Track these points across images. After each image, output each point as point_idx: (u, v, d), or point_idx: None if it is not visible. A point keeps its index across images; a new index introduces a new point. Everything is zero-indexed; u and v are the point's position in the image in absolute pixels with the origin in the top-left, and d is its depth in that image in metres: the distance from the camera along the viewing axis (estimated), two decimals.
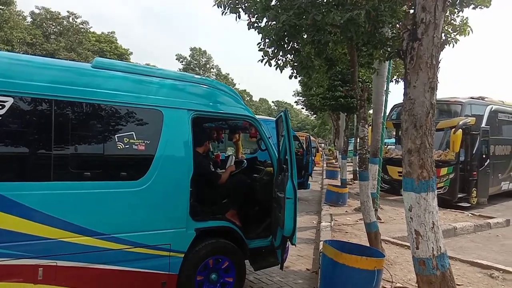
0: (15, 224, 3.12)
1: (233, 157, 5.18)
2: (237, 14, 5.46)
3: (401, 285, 4.79)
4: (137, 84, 3.92)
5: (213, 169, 4.80)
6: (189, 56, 61.29)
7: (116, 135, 3.68)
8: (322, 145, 50.33)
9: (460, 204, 12.38)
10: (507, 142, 14.73)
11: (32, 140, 3.37)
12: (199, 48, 61.70)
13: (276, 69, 5.98)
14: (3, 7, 32.72)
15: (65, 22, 41.02)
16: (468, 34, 5.90)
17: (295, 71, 6.13)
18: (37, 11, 40.33)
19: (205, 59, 62.38)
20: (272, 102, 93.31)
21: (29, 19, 40.34)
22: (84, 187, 3.47)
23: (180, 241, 3.97)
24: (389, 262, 5.70)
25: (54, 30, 40.99)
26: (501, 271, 5.53)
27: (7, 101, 3.17)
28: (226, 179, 4.81)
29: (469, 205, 12.56)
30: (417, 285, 4.20)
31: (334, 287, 4.15)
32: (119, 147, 3.67)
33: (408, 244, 4.16)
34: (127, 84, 3.84)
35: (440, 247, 3.95)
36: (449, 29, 5.98)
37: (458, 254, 6.64)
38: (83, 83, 3.57)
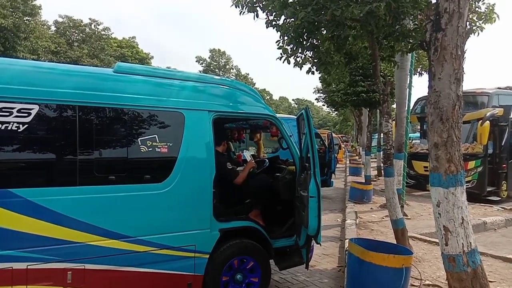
0: (43, 229, 3.20)
1: (249, 153, 5.18)
2: (255, 13, 5.43)
3: (431, 283, 4.67)
4: (158, 87, 3.96)
5: (230, 167, 4.75)
6: (209, 57, 61.79)
7: (139, 139, 3.72)
8: (348, 141, 49.64)
9: (489, 198, 12.02)
10: None
11: (58, 146, 3.44)
12: (218, 49, 62.13)
13: (294, 66, 5.93)
14: (29, 18, 33.79)
15: (87, 29, 42.05)
16: (494, 21, 5.70)
17: (314, 67, 6.06)
18: (60, 19, 41.55)
19: (225, 60, 62.74)
20: (292, 100, 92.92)
21: (53, 28, 41.58)
22: (109, 191, 3.52)
23: (204, 242, 3.98)
24: (417, 259, 5.56)
25: (77, 37, 42.09)
26: None
27: (32, 109, 3.25)
28: (245, 176, 4.77)
29: (499, 198, 12.19)
30: (447, 282, 4.09)
31: (361, 286, 4.09)
32: (142, 150, 3.71)
33: (437, 240, 4.05)
34: (148, 87, 3.89)
35: (470, 243, 3.83)
36: (474, 17, 5.78)
37: (490, 249, 6.43)
38: (105, 88, 3.63)
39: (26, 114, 3.22)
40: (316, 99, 35.56)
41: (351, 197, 11.47)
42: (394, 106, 9.82)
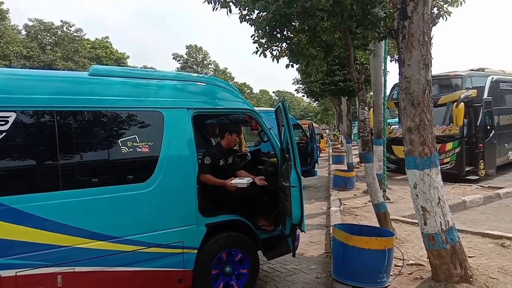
0: (30, 235, 3.20)
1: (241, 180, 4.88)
2: (228, 8, 5.47)
3: (414, 262, 4.84)
4: (135, 88, 3.98)
5: (208, 162, 4.64)
6: (186, 54, 61.17)
7: (119, 140, 3.74)
8: (327, 131, 50.24)
9: (468, 177, 12.38)
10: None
11: (38, 152, 3.43)
12: (195, 45, 61.54)
13: (272, 59, 6.01)
14: None
15: (59, 32, 41.07)
16: (460, 5, 5.86)
17: (290, 60, 6.15)
18: (30, 23, 40.40)
19: (202, 55, 62.23)
20: (273, 92, 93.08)
21: (23, 32, 40.43)
22: (93, 193, 3.53)
23: (192, 238, 4.04)
24: (400, 240, 5.75)
25: (49, 40, 41.05)
26: None
27: (9, 116, 3.23)
28: (214, 183, 4.54)
29: (478, 177, 12.55)
30: (428, 260, 4.27)
31: (347, 269, 4.22)
32: (123, 151, 3.73)
33: (419, 224, 4.21)
34: (125, 88, 3.90)
35: (448, 221, 4.01)
36: (440, 2, 5.93)
37: (469, 227, 6.66)
38: (82, 92, 3.64)
39: (3, 122, 3.21)
40: (296, 90, 35.78)
41: (335, 184, 11.67)
42: (372, 93, 10.00)
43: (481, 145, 12.68)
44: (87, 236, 3.45)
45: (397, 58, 10.34)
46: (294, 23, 5.18)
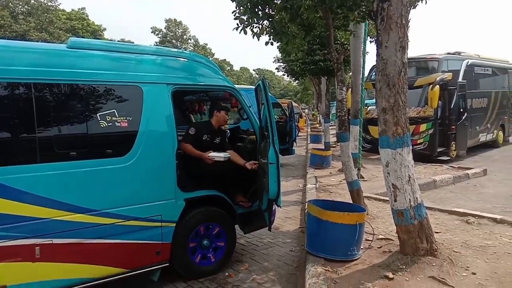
0: (8, 207, 3.20)
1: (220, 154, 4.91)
2: None
3: (383, 237, 5.07)
4: (114, 62, 3.93)
5: (192, 132, 4.66)
6: (165, 28, 59.84)
7: (98, 114, 3.72)
8: (306, 110, 50.57)
9: (440, 158, 12.79)
10: (484, 95, 15.09)
11: (16, 125, 3.39)
12: (174, 19, 60.30)
13: (253, 37, 6.01)
14: None
15: (32, 1, 39.36)
16: None
17: (271, 37, 6.16)
18: None
19: (181, 30, 61.07)
20: (254, 70, 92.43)
21: None
22: (72, 166, 3.53)
23: (170, 212, 4.12)
24: (371, 216, 5.99)
25: (22, 9, 39.41)
26: (476, 217, 5.87)
27: None
28: (193, 155, 4.64)
29: (449, 158, 12.99)
30: (397, 235, 4.49)
31: (320, 242, 4.40)
32: (102, 125, 3.72)
33: (390, 201, 4.41)
34: (104, 62, 3.85)
35: (416, 198, 4.21)
36: None
37: (438, 204, 6.97)
38: (60, 64, 3.57)
39: None
40: (277, 68, 35.68)
41: (312, 163, 11.90)
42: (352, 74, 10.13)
43: (453, 127, 13.04)
44: (65, 209, 3.47)
45: (375, 40, 10.49)
46: (276, 1, 5.18)
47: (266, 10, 5.48)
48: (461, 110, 13.44)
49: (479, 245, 4.68)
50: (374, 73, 14.22)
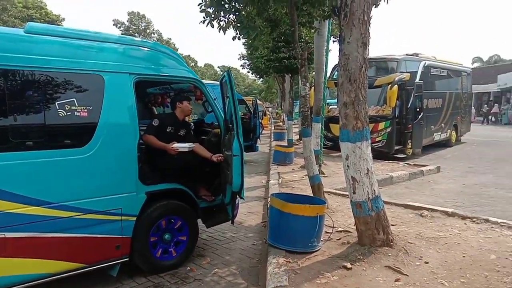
0: None
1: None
2: None
3: (342, 229, 5.21)
4: (74, 49, 3.78)
5: (154, 124, 4.55)
6: (127, 21, 58.18)
7: (56, 103, 3.57)
8: (270, 109, 50.91)
9: (396, 155, 13.26)
10: (439, 96, 15.77)
11: None
12: (138, 12, 58.65)
13: (219, 30, 5.97)
14: None
15: None
16: None
17: (238, 32, 6.16)
18: None
19: (145, 23, 59.58)
20: (218, 67, 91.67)
21: None
22: (27, 157, 3.38)
23: (131, 205, 4.02)
24: (331, 210, 6.14)
25: None
26: (429, 211, 6.16)
27: None
28: (156, 146, 4.56)
29: (405, 156, 13.49)
30: (355, 227, 4.64)
31: (281, 234, 4.46)
32: (60, 115, 3.58)
33: (349, 193, 4.53)
34: (63, 49, 3.70)
35: (374, 190, 4.36)
36: None
37: (394, 199, 7.24)
38: (16, 50, 3.40)
39: None
40: (242, 65, 35.63)
41: (275, 159, 12.01)
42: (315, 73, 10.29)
43: (410, 126, 13.52)
44: (19, 201, 3.31)
45: (338, 39, 10.72)
46: None
47: (233, 4, 5.46)
48: (418, 109, 13.95)
49: (432, 237, 4.92)
50: (336, 72, 14.54)
